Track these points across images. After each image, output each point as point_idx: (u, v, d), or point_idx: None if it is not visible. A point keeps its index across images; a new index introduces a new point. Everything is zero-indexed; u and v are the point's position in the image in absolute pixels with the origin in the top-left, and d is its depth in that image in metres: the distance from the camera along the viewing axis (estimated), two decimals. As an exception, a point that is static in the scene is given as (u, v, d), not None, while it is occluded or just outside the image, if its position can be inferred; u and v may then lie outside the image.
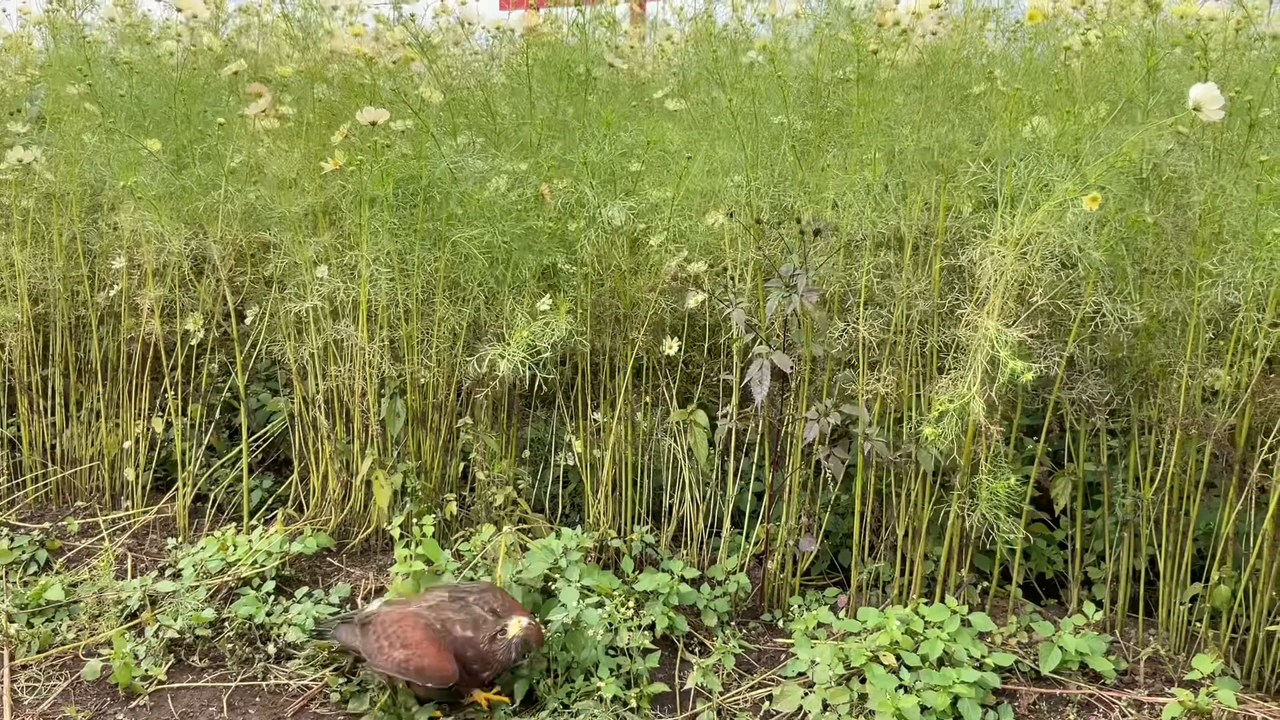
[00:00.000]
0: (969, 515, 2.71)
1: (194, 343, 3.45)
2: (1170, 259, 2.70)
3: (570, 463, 3.31)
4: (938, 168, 2.79)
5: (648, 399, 3.26)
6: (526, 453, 3.43)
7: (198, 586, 3.01)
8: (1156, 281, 2.73)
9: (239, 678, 2.76)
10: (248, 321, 3.39)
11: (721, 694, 2.68)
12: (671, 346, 3.07)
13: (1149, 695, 2.66)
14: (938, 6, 2.79)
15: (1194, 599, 2.78)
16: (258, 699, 2.69)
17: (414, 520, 3.04)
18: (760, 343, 2.88)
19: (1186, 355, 2.67)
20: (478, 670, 2.49)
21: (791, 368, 2.82)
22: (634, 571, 3.06)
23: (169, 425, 3.56)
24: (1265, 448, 2.61)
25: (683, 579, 2.95)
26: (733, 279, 3.09)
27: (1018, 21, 3.48)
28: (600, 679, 2.60)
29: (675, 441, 3.22)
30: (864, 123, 2.77)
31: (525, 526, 3.15)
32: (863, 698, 2.53)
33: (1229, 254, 2.54)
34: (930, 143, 2.76)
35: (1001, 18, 3.53)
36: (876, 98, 2.80)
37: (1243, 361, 2.67)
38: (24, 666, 2.79)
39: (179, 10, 3.31)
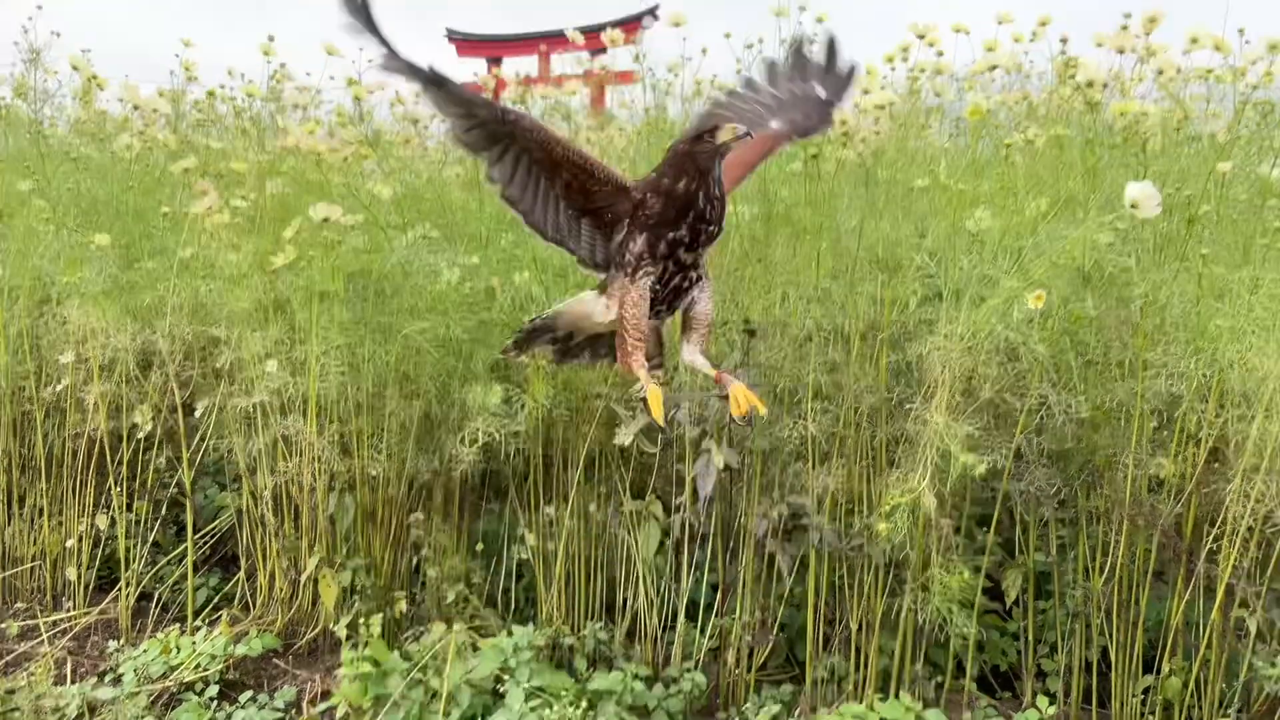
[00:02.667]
0: (922, 609, 2.69)
1: (141, 435, 3.39)
2: (1114, 351, 2.74)
3: (524, 555, 3.27)
4: (882, 265, 2.83)
5: (601, 489, 3.24)
6: (480, 545, 3.38)
7: (138, 693, 2.92)
8: (1100, 373, 2.77)
9: (176, 789, 2.67)
10: (196, 415, 3.35)
11: (674, 798, 2.62)
12: (626, 436, 3.05)
13: (1106, 792, 2.63)
14: (883, 109, 2.85)
15: (1146, 690, 2.77)
16: (195, 812, 2.60)
17: (362, 619, 2.98)
18: (709, 437, 2.88)
19: (1131, 446, 2.69)
20: None
21: (739, 463, 2.82)
22: (587, 669, 3.01)
23: (113, 522, 3.49)
24: (1211, 538, 2.63)
25: (636, 677, 2.90)
26: (681, 371, 3.09)
27: (958, 117, 3.58)
28: (549, 786, 2.54)
29: (629, 533, 3.19)
30: (809, 221, 2.81)
31: (477, 624, 3.10)
32: (817, 801, 2.48)
33: (1171, 346, 2.59)
34: (874, 239, 2.80)
35: (946, 115, 3.63)
36: (821, 195, 2.85)
37: (1187, 452, 2.70)
38: (-49, 781, 2.68)
39: (135, 108, 3.32)
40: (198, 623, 3.31)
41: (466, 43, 22.21)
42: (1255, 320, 2.42)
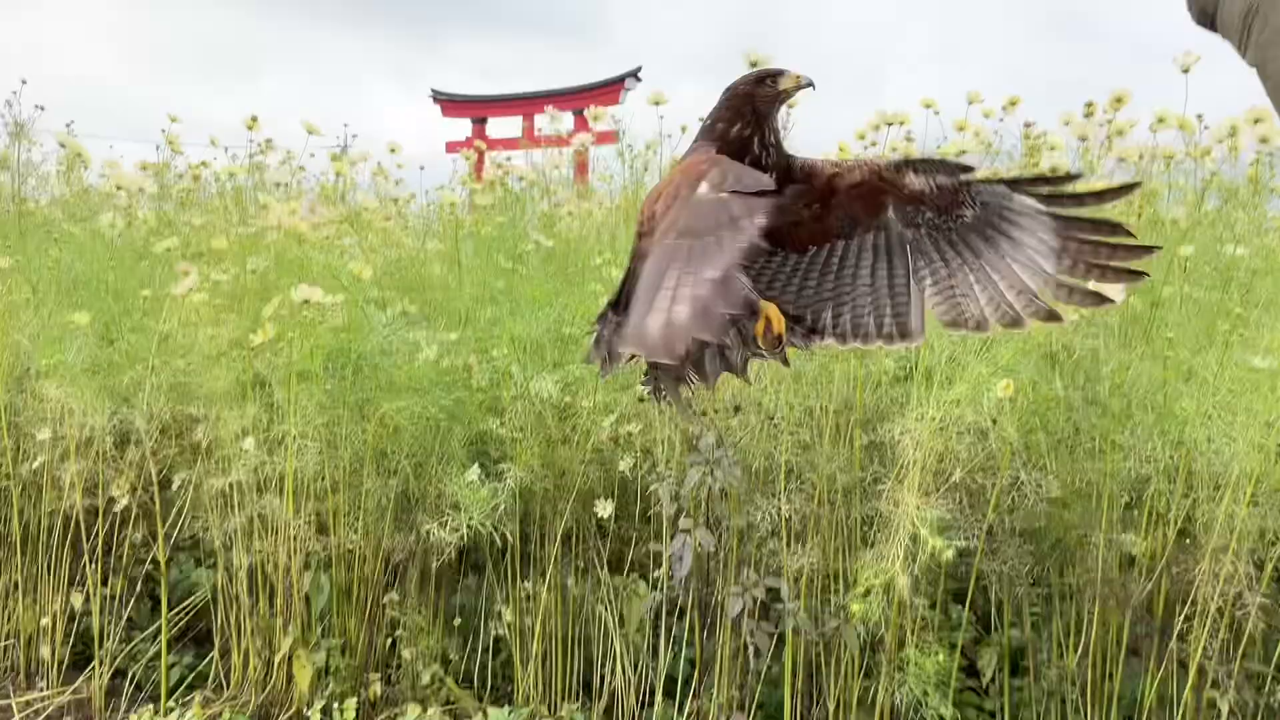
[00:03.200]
0: (899, 689, 2.69)
1: (118, 510, 3.38)
2: (1083, 432, 2.78)
3: (500, 631, 3.26)
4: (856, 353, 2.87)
5: (579, 564, 3.24)
6: (457, 620, 3.37)
7: (107, 777, 2.88)
8: (1070, 453, 2.80)
9: None
10: (173, 489, 3.34)
11: None
12: (605, 509, 3.06)
13: None
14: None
15: (1124, 771, 2.77)
16: None
17: (336, 703, 2.95)
18: (685, 515, 2.90)
19: (1102, 525, 2.72)
20: None
21: (715, 544, 2.83)
22: (564, 751, 2.99)
23: (88, 599, 3.46)
24: (1182, 617, 2.65)
25: (613, 759, 2.88)
26: (661, 448, 3.11)
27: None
28: None
29: (607, 609, 3.19)
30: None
31: (452, 705, 3.08)
32: None
33: (1139, 428, 2.63)
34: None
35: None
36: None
37: (1157, 531, 2.73)
38: None
39: (118, 188, 3.36)
40: (171, 703, 3.28)
41: (452, 103, 22.47)
42: (1220, 404, 2.47)
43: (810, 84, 1.70)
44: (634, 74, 21.24)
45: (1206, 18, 1.22)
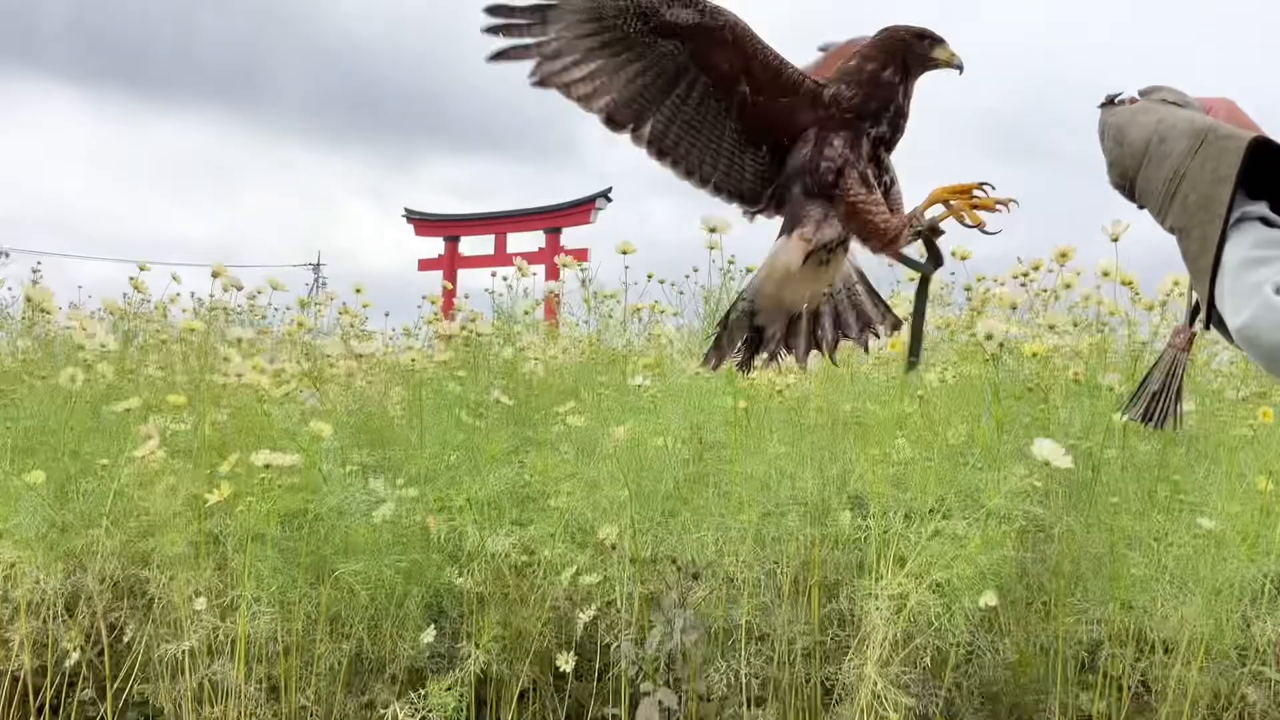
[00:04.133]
0: None
1: (67, 666, 3.31)
2: (1036, 595, 2.80)
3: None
4: (811, 509, 2.90)
5: (538, 725, 3.19)
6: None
7: None
8: (1025, 617, 2.82)
9: None
10: (124, 645, 3.28)
11: None
12: (567, 662, 3.03)
13: None
14: (804, 371, 2.98)
15: None
16: None
17: None
18: (645, 678, 2.87)
19: (1057, 688, 2.72)
20: None
21: (678, 704, 2.81)
22: None
23: (30, 765, 3.36)
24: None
25: None
26: (620, 608, 3.10)
27: (881, 348, 3.73)
28: None
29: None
30: (739, 470, 2.89)
31: None
32: None
33: (1089, 591, 2.66)
34: (803, 486, 2.88)
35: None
36: (751, 444, 2.94)
37: (1111, 695, 2.73)
38: None
39: (81, 348, 3.38)
40: None
41: (424, 223, 22.75)
42: (1163, 569, 2.51)
43: (960, 67, 1.65)
44: (605, 194, 21.65)
45: (1126, 182, 1.24)
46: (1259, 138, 1.08)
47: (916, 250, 1.76)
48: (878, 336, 1.94)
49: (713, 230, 3.67)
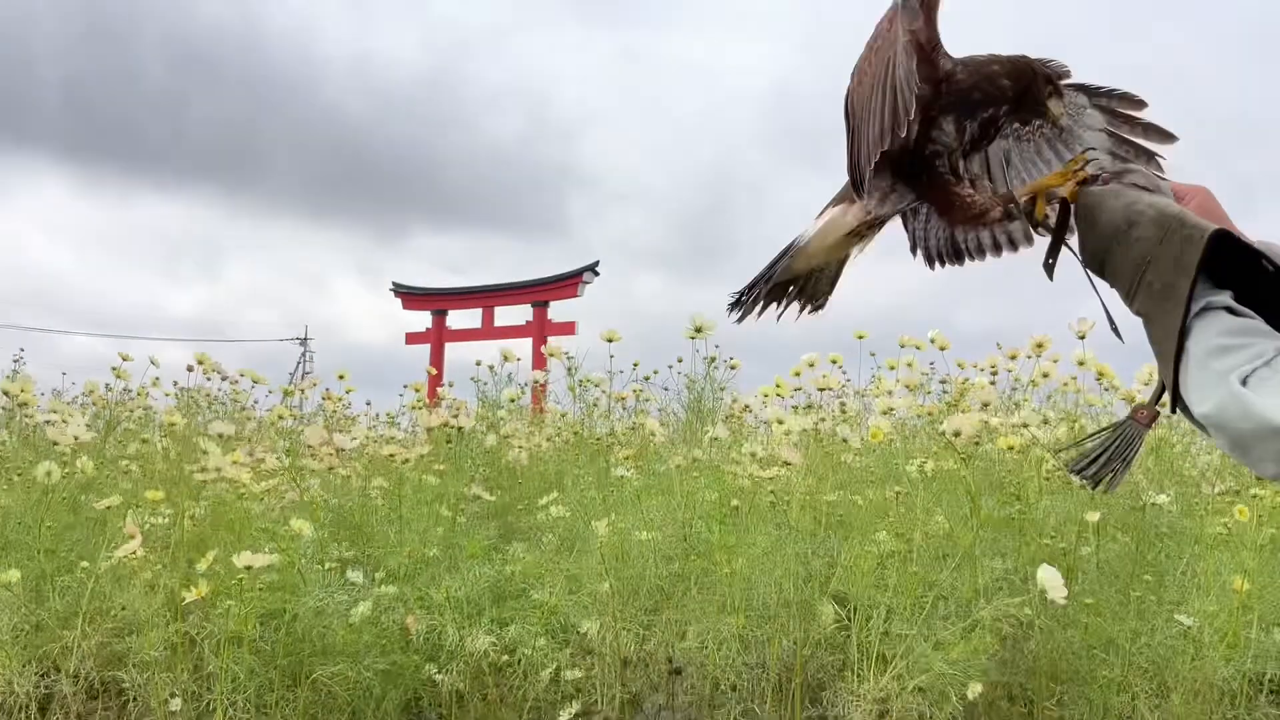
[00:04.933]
0: None
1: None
2: (1019, 695, 2.79)
3: None
4: (796, 610, 2.90)
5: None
6: None
7: None
8: (1008, 716, 2.81)
9: None
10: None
11: None
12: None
13: None
14: (788, 465, 3.01)
15: None
16: None
17: None
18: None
19: (1041, 791, 2.70)
20: None
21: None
22: None
23: None
24: None
25: None
26: (601, 708, 3.08)
27: (863, 439, 3.76)
28: None
29: None
30: (726, 572, 2.89)
31: None
32: None
33: (1066, 694, 2.65)
34: (786, 588, 2.88)
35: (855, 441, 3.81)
36: (736, 544, 2.94)
37: (1096, 796, 2.71)
38: None
39: (56, 444, 3.38)
40: None
41: (412, 296, 22.87)
42: (1139, 671, 2.51)
43: (1061, 128, 1.61)
44: (592, 268, 21.83)
45: (1096, 262, 1.26)
46: (1220, 230, 1.11)
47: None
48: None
49: (699, 330, 3.75)
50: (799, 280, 1.82)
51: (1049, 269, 1.46)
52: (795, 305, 1.83)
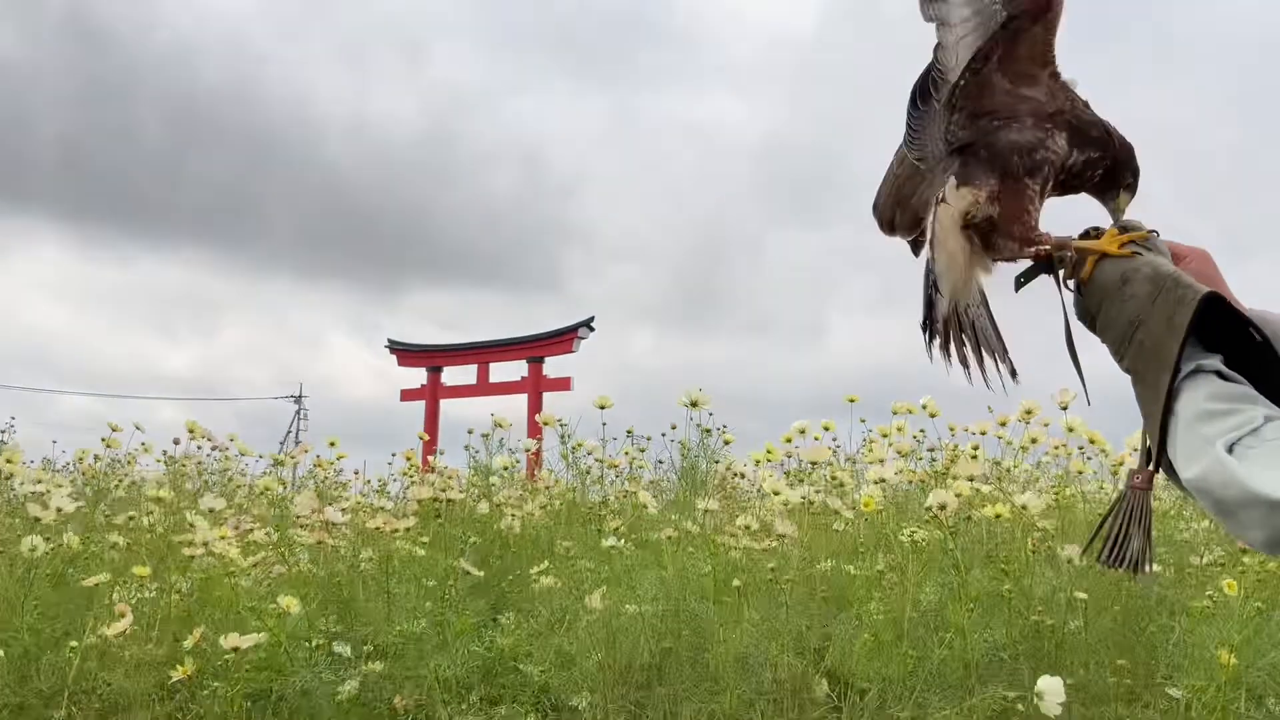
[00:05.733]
0: None
1: None
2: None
3: None
4: (789, 694, 2.87)
5: None
6: None
7: None
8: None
9: None
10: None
11: None
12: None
13: None
14: (783, 538, 3.01)
15: None
16: None
17: None
18: None
19: None
20: None
21: None
22: None
23: None
24: None
25: None
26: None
27: (855, 508, 3.76)
28: None
29: None
30: (718, 652, 2.86)
31: None
32: None
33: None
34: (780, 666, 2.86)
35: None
36: (728, 615, 2.93)
37: None
38: None
39: (37, 518, 3.37)
40: None
41: (407, 353, 22.89)
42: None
43: (1121, 226, 1.46)
44: (587, 323, 21.89)
45: (1088, 317, 1.26)
46: (1212, 293, 1.11)
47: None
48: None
49: (694, 404, 3.79)
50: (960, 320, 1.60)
51: (1018, 284, 1.44)
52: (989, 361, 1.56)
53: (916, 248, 1.62)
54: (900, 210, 1.63)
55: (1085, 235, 1.42)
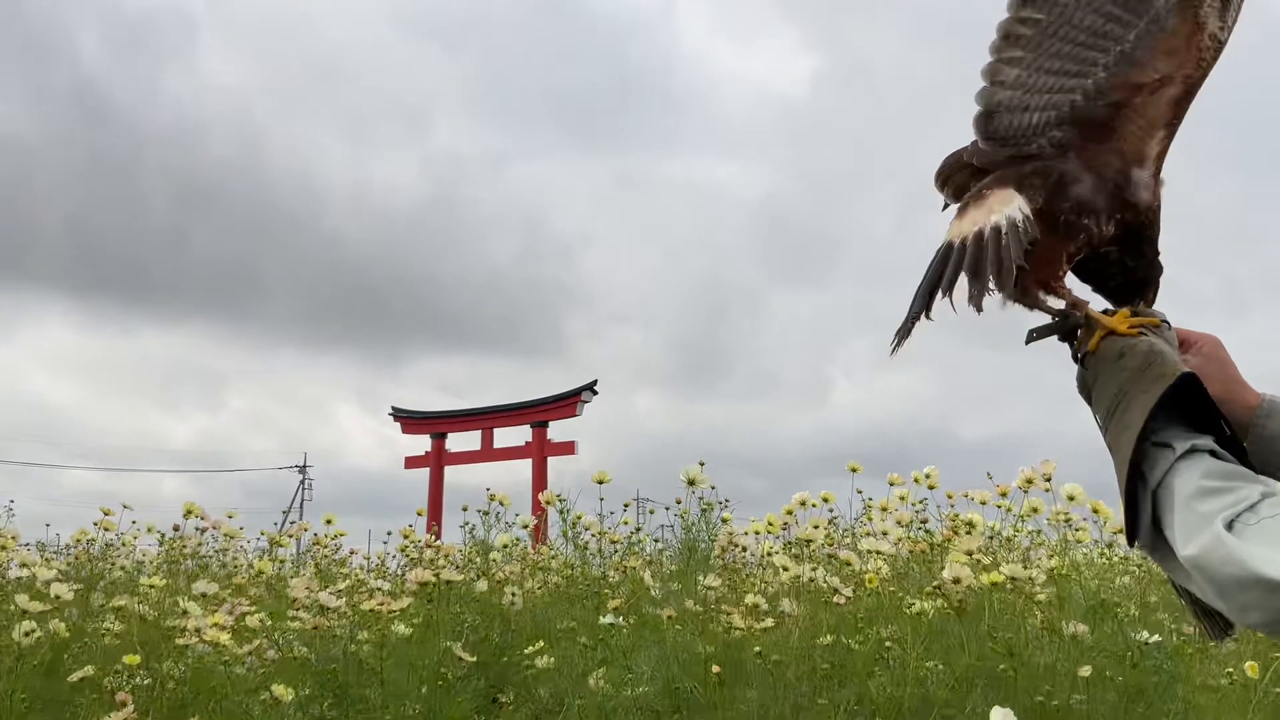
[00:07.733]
0: None
1: None
2: None
3: None
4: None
5: None
6: None
7: None
8: None
9: None
10: None
11: None
12: None
13: None
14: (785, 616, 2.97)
15: None
16: None
17: None
18: None
19: None
20: None
21: None
22: None
23: None
24: None
25: None
26: None
27: (858, 579, 3.72)
28: None
29: None
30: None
31: None
32: None
33: None
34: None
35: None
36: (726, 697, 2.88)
37: None
38: None
39: (25, 614, 3.34)
40: None
41: (411, 420, 22.85)
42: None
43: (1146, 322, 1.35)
44: (590, 387, 21.89)
45: (1085, 390, 1.26)
46: (1189, 373, 1.11)
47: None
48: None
49: (692, 482, 3.78)
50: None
51: (1029, 338, 1.41)
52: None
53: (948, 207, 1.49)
54: (953, 181, 1.49)
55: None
